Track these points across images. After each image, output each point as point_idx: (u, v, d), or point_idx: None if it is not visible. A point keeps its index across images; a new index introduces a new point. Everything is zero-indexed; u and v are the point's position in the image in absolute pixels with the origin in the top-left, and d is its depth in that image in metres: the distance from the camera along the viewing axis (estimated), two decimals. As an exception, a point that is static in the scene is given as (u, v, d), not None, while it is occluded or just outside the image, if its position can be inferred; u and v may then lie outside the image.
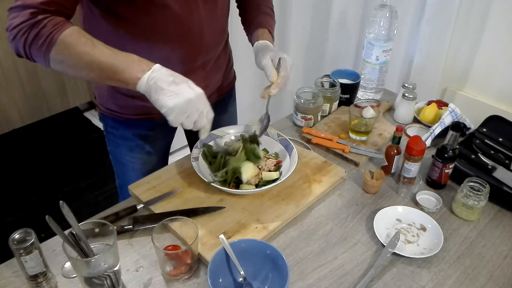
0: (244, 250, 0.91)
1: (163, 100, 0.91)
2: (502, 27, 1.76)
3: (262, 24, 1.22)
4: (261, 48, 1.15)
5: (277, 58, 1.12)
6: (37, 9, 0.85)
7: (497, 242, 1.05)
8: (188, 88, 0.93)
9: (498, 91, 1.87)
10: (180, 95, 0.91)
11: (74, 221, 0.82)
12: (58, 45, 0.86)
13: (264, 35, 1.19)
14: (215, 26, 1.15)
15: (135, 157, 1.29)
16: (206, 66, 1.18)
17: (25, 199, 2.32)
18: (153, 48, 1.05)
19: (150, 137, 1.27)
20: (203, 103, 0.96)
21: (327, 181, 1.17)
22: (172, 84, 0.91)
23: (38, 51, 0.87)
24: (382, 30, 1.47)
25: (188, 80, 0.95)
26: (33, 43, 0.86)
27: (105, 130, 1.29)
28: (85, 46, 0.88)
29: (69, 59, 0.89)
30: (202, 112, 0.95)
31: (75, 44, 0.88)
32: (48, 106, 2.90)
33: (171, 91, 0.91)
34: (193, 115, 0.94)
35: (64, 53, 0.88)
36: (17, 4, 0.86)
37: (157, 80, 0.90)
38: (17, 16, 0.85)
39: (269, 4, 1.29)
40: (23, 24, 0.85)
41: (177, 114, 0.92)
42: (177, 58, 1.09)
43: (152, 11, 0.98)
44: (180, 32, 1.05)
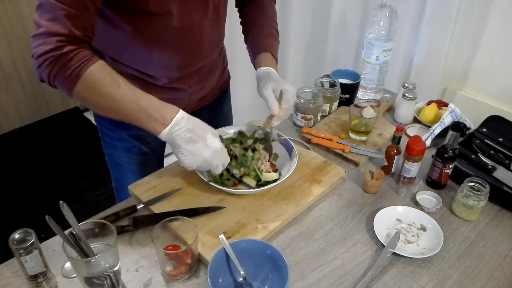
0: (244, 250, 0.91)
1: (180, 158, 0.97)
2: (502, 27, 1.76)
3: (265, 47, 1.20)
4: (263, 77, 1.14)
5: (279, 89, 1.11)
6: (64, 37, 0.84)
7: (497, 242, 1.05)
8: (204, 147, 0.96)
9: (498, 91, 1.87)
10: (197, 155, 0.96)
11: (74, 221, 0.82)
12: (83, 81, 0.87)
13: (266, 60, 1.18)
14: (215, 33, 1.15)
15: (131, 158, 1.29)
16: (202, 70, 1.18)
17: (25, 199, 2.32)
18: (153, 55, 1.05)
19: (146, 137, 1.27)
20: (219, 158, 1.00)
21: (327, 181, 1.17)
22: (189, 143, 0.95)
23: (63, 84, 0.88)
24: (382, 30, 1.47)
25: (207, 132, 0.98)
26: (58, 75, 0.86)
27: (101, 132, 1.29)
28: (110, 87, 0.89)
29: (92, 98, 0.91)
30: (217, 165, 1.00)
31: (100, 83, 0.89)
32: (48, 106, 2.90)
33: (188, 150, 0.95)
34: (208, 168, 1.01)
35: (88, 91, 0.89)
36: (41, 31, 0.84)
37: (175, 136, 0.94)
38: (42, 44, 0.84)
39: (273, 24, 1.27)
40: (49, 54, 0.84)
41: (193, 169, 1.00)
42: (175, 65, 1.10)
43: (155, 21, 0.98)
44: (180, 41, 1.05)
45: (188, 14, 1.01)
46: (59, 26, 0.84)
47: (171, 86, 1.13)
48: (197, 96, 1.23)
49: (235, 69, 2.06)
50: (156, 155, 1.35)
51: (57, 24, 0.83)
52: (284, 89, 1.11)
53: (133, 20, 0.97)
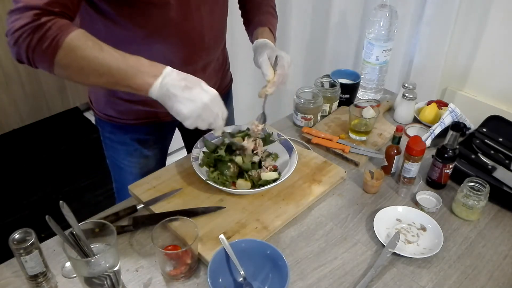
0: (244, 250, 0.91)
1: (178, 108, 0.89)
2: (502, 27, 1.76)
3: (262, 23, 1.21)
4: (259, 46, 1.14)
5: (274, 56, 1.11)
6: (41, 10, 0.81)
7: (497, 242, 1.05)
8: (202, 91, 0.91)
9: (498, 91, 1.87)
10: (195, 100, 0.89)
11: (74, 221, 0.82)
12: (64, 49, 0.82)
13: (264, 33, 1.18)
14: (215, 26, 1.14)
15: (133, 162, 1.29)
16: (207, 68, 1.17)
17: (25, 199, 2.32)
18: (153, 51, 1.04)
19: (148, 141, 1.27)
20: (218, 105, 0.94)
21: (327, 181, 1.17)
22: (186, 90, 0.89)
23: (43, 55, 0.83)
24: (382, 30, 1.47)
25: (200, 81, 0.93)
26: (37, 47, 0.81)
27: (102, 135, 1.29)
28: (93, 50, 0.84)
29: (76, 64, 0.85)
30: (217, 114, 0.94)
31: (83, 47, 0.83)
32: (48, 106, 2.90)
33: (186, 97, 0.89)
34: (209, 119, 0.93)
35: (70, 57, 0.84)
36: (19, 6, 0.81)
37: (170, 86, 0.88)
38: (19, 18, 0.80)
39: (271, 3, 1.28)
40: (26, 26, 0.80)
41: (193, 120, 0.91)
42: (178, 60, 1.08)
43: (153, 12, 0.98)
44: (180, 33, 1.04)
45: (186, 4, 1.01)
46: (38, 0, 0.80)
47: None
48: None
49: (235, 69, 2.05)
50: (158, 159, 1.35)
51: None
52: (280, 55, 1.10)
53: (132, 14, 0.97)
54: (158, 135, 1.29)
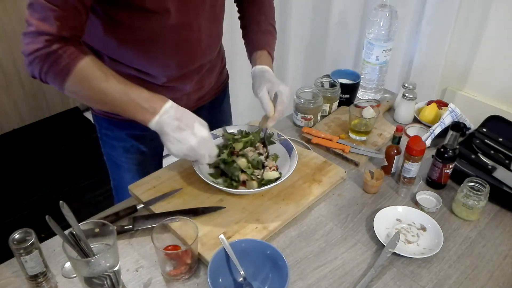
0: (244, 250, 0.91)
1: (168, 145, 0.97)
2: (502, 27, 1.76)
3: (261, 45, 1.21)
4: (258, 76, 1.15)
5: (273, 91, 1.12)
6: (52, 36, 0.86)
7: (497, 242, 1.05)
8: (191, 135, 0.96)
9: (498, 91, 1.87)
10: (183, 142, 0.96)
11: (74, 221, 0.82)
12: (73, 77, 0.90)
13: (262, 58, 1.19)
14: (213, 32, 1.15)
15: (130, 158, 1.29)
16: (201, 69, 1.18)
17: (25, 199, 2.32)
18: (151, 56, 1.06)
19: (145, 137, 1.27)
20: (205, 147, 0.99)
21: (327, 181, 1.17)
22: (176, 131, 0.95)
23: (54, 81, 0.91)
24: (382, 30, 1.47)
25: (195, 120, 0.98)
26: (49, 72, 0.89)
27: (99, 132, 1.29)
28: (99, 81, 0.91)
29: (83, 92, 0.94)
30: (203, 155, 1.00)
31: (90, 78, 0.91)
32: (48, 106, 2.90)
33: (175, 138, 0.96)
34: (195, 158, 1.01)
35: (78, 86, 0.92)
36: (31, 30, 0.86)
37: (164, 125, 0.95)
38: (31, 42, 0.86)
39: (270, 20, 1.27)
40: (38, 52, 0.86)
41: (180, 157, 1.01)
42: (174, 64, 1.10)
43: (152, 19, 0.98)
44: (178, 39, 1.05)
45: (185, 12, 1.01)
46: (48, 26, 0.85)
47: (170, 85, 1.13)
48: (196, 96, 1.23)
49: (235, 69, 2.06)
50: (154, 155, 1.35)
51: (46, 23, 0.85)
52: (279, 91, 1.12)
53: (131, 19, 0.97)
54: (154, 131, 1.29)
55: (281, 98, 1.12)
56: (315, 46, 2.29)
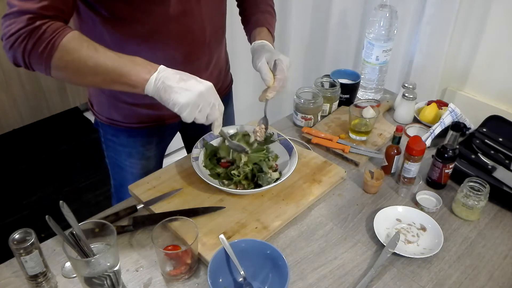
0: (244, 250, 0.91)
1: (175, 98, 0.90)
2: (502, 27, 1.76)
3: (260, 23, 1.20)
4: (257, 49, 1.13)
5: (273, 60, 1.10)
6: (35, 14, 0.82)
7: (497, 242, 1.05)
8: (197, 82, 0.93)
9: (498, 91, 1.87)
10: (191, 90, 0.91)
11: (74, 221, 0.82)
12: (60, 51, 0.84)
13: (261, 34, 1.17)
14: (216, 19, 1.13)
15: (134, 163, 1.29)
16: (209, 65, 1.17)
17: (25, 199, 2.32)
18: (155, 49, 1.04)
19: (151, 143, 1.27)
20: (214, 95, 0.95)
21: (327, 181, 1.17)
22: (181, 81, 0.91)
23: (39, 58, 0.84)
24: (382, 30, 1.47)
25: (194, 76, 0.95)
26: (33, 50, 0.83)
27: (104, 137, 1.28)
28: (88, 51, 0.86)
29: (72, 65, 0.87)
30: (214, 104, 0.95)
31: (78, 48, 0.86)
32: (48, 106, 2.90)
33: (181, 87, 0.90)
34: (206, 109, 0.94)
35: (66, 59, 0.86)
36: (13, 10, 0.82)
37: (165, 79, 0.90)
38: (13, 22, 0.82)
39: (269, 1, 1.27)
40: (21, 30, 0.81)
41: (190, 109, 0.91)
42: (181, 57, 1.08)
43: (153, 9, 0.97)
44: (181, 28, 1.04)
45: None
46: (31, 4, 0.82)
47: None
48: None
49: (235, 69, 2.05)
50: (157, 159, 1.36)
51: (29, 2, 0.82)
52: (278, 59, 1.09)
53: (131, 12, 0.96)
54: (160, 137, 1.29)
55: (281, 66, 1.09)
56: (315, 46, 2.29)
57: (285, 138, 1.22)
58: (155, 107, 1.14)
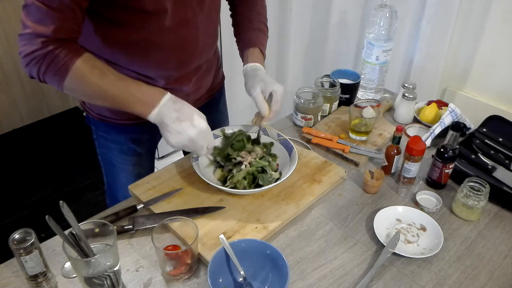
0: (244, 250, 0.91)
1: (167, 136, 0.98)
2: (502, 27, 1.76)
3: (252, 42, 1.22)
4: (250, 75, 1.15)
5: (267, 90, 1.13)
6: (48, 38, 0.86)
7: (497, 242, 1.05)
8: (190, 126, 0.98)
9: (498, 91, 1.87)
10: (183, 134, 0.98)
11: (74, 221, 0.82)
12: (72, 75, 0.90)
13: (254, 55, 1.19)
14: (210, 31, 1.15)
15: (126, 159, 1.30)
16: (199, 70, 1.18)
17: (25, 199, 2.32)
18: (149, 55, 1.05)
19: (142, 139, 1.28)
20: (205, 139, 1.01)
21: (327, 181, 1.17)
22: (176, 122, 0.97)
23: (52, 80, 0.91)
24: (382, 30, 1.47)
25: (194, 113, 1.00)
26: (46, 72, 0.89)
27: (96, 133, 1.29)
28: (97, 78, 0.93)
29: (82, 89, 0.95)
30: (202, 146, 1.01)
31: (88, 75, 0.92)
32: (48, 106, 2.90)
33: (174, 129, 0.97)
34: (193, 149, 1.02)
35: (77, 84, 0.93)
36: (28, 32, 0.86)
37: (164, 116, 0.97)
38: (27, 44, 0.87)
39: (262, 19, 1.27)
40: (35, 53, 0.87)
41: (179, 148, 1.02)
42: (172, 64, 1.10)
43: (150, 19, 0.98)
44: (176, 39, 1.05)
45: (182, 11, 1.01)
46: (45, 28, 0.86)
47: (169, 87, 1.13)
48: (194, 97, 1.23)
49: (234, 69, 2.06)
50: (149, 156, 1.37)
51: (42, 26, 0.86)
52: (274, 90, 1.13)
53: (128, 21, 0.97)
54: (151, 134, 1.30)
55: (276, 97, 1.13)
56: (315, 46, 2.29)
57: (285, 138, 1.22)
58: None
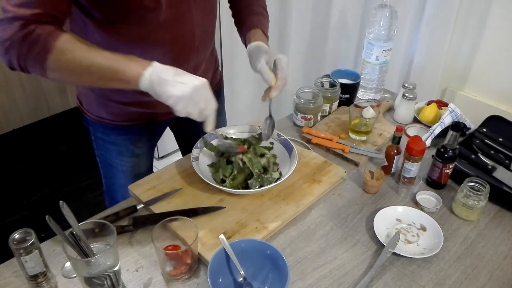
0: (244, 250, 0.91)
1: (170, 91, 0.90)
2: (502, 27, 1.76)
3: (254, 25, 1.20)
4: (254, 51, 1.13)
5: (272, 60, 1.10)
6: (28, 20, 0.83)
7: (497, 242, 1.05)
8: (192, 77, 0.93)
9: (498, 91, 1.87)
10: (186, 83, 0.91)
11: (74, 221, 0.82)
12: (55, 53, 0.85)
13: (256, 35, 1.17)
14: (206, 27, 1.14)
15: (125, 160, 1.29)
16: (198, 68, 1.18)
17: (25, 199, 2.32)
18: (145, 52, 1.04)
19: (140, 141, 1.27)
20: (209, 92, 0.95)
21: (327, 181, 1.17)
22: (176, 75, 0.91)
23: (34, 61, 0.85)
24: (382, 30, 1.47)
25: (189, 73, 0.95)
26: (28, 54, 0.84)
27: (94, 135, 1.29)
28: (82, 51, 0.87)
29: (67, 65, 0.88)
30: (211, 98, 0.96)
31: (72, 49, 0.86)
32: (48, 106, 2.90)
33: (176, 80, 0.90)
34: (200, 103, 0.93)
35: (61, 60, 0.86)
36: (7, 16, 0.83)
37: (160, 72, 0.90)
38: (6, 28, 0.83)
39: (261, 3, 1.26)
40: (15, 36, 0.82)
41: (185, 102, 0.91)
42: (170, 61, 1.08)
43: (145, 15, 0.97)
44: (172, 35, 1.04)
45: (177, 6, 1.01)
46: (25, 10, 0.82)
47: None
48: None
49: (234, 69, 2.06)
50: (147, 157, 1.36)
51: (23, 8, 0.82)
52: (278, 58, 1.10)
53: (124, 18, 0.97)
54: (150, 135, 1.30)
55: (281, 65, 1.10)
56: (315, 46, 2.29)
57: (285, 138, 1.22)
58: (146, 105, 1.15)
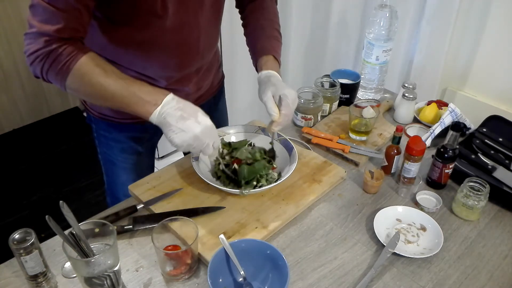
0: (244, 250, 0.91)
1: (172, 137, 0.96)
2: (502, 27, 1.76)
3: (266, 50, 1.18)
4: (263, 80, 1.13)
5: (278, 94, 1.09)
6: (51, 37, 0.87)
7: (497, 242, 1.05)
8: (195, 123, 0.96)
9: (498, 91, 1.87)
10: (187, 132, 0.95)
11: (74, 221, 0.82)
12: (73, 75, 0.90)
13: (268, 63, 1.16)
14: (211, 32, 1.15)
15: (127, 158, 1.30)
16: (200, 71, 1.18)
17: (25, 199, 2.32)
18: (150, 56, 1.06)
19: (143, 138, 1.28)
20: (209, 136, 0.99)
21: (327, 181, 1.17)
22: (180, 120, 0.95)
23: (55, 79, 0.92)
24: (382, 30, 1.47)
25: (198, 111, 0.98)
26: (49, 71, 0.90)
27: (96, 132, 1.30)
28: (99, 77, 0.91)
29: (84, 88, 0.94)
30: (208, 144, 0.99)
31: (90, 74, 0.91)
32: (48, 106, 2.90)
33: (179, 128, 0.95)
34: (199, 147, 0.99)
35: (78, 83, 0.92)
36: (32, 31, 0.87)
37: (166, 115, 0.94)
38: (32, 43, 0.88)
39: (275, 25, 1.24)
40: (39, 52, 0.88)
41: (184, 148, 0.98)
42: (173, 65, 1.09)
43: (151, 21, 0.98)
44: (177, 41, 1.05)
45: (184, 12, 1.01)
46: (49, 27, 0.86)
47: (170, 88, 1.13)
48: (195, 96, 1.23)
49: (234, 69, 2.06)
50: (149, 155, 1.37)
51: (47, 25, 0.86)
52: (283, 94, 1.09)
53: (131, 21, 0.97)
54: (152, 132, 1.30)
55: (286, 101, 1.09)
56: (315, 46, 2.29)
57: (285, 138, 1.22)
58: None
